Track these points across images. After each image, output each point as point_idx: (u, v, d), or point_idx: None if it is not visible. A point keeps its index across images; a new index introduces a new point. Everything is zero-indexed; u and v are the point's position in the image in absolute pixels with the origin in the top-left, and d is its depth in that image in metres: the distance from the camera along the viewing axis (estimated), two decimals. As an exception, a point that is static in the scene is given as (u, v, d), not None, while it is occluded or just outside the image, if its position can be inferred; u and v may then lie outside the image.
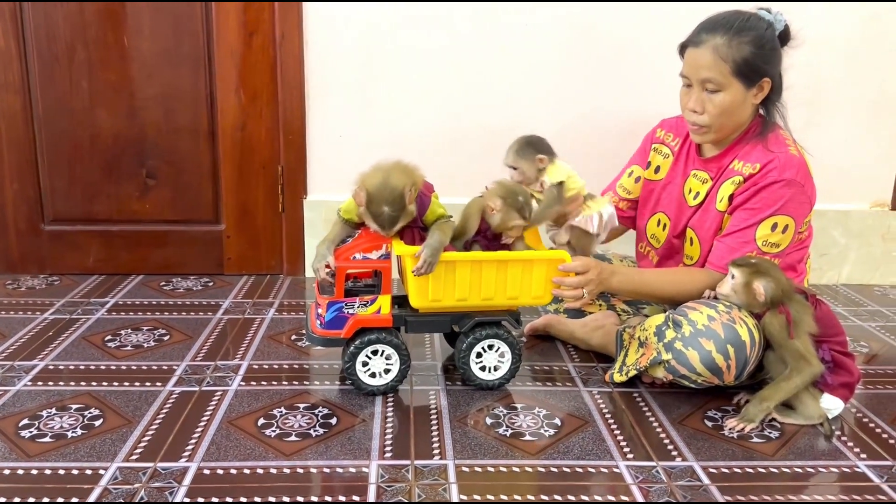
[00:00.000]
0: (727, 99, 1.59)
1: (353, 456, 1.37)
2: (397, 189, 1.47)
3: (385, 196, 1.46)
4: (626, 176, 1.93)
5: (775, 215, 1.59)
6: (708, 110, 1.61)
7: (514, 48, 2.30)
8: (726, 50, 1.56)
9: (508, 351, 1.63)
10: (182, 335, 1.92)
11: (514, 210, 1.56)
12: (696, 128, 1.66)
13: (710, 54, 1.57)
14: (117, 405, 1.54)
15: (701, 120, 1.63)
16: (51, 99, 2.26)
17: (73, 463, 1.33)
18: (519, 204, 1.56)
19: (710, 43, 1.57)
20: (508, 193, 1.57)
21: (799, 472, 1.37)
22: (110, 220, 2.37)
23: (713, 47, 1.57)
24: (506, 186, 1.59)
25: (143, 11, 2.22)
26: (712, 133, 1.65)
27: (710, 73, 1.58)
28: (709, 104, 1.61)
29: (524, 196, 1.58)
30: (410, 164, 1.55)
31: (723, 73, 1.57)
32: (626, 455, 1.41)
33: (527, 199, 1.58)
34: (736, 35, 1.56)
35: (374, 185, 1.47)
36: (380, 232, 1.51)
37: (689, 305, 1.57)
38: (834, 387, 1.54)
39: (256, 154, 2.35)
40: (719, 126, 1.63)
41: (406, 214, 1.50)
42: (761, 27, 1.58)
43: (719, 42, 1.56)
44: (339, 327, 1.56)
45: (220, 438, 1.42)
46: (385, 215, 1.47)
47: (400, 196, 1.47)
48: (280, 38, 2.25)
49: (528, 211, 1.57)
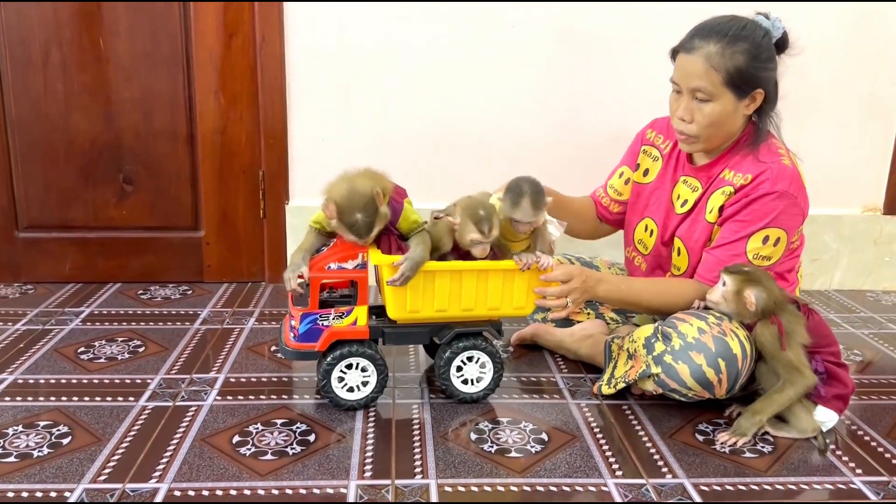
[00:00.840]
0: (717, 109, 1.54)
1: (330, 475, 1.32)
2: (366, 194, 1.41)
3: (356, 203, 1.41)
4: (617, 177, 1.88)
5: (767, 228, 1.54)
6: (697, 120, 1.56)
7: (498, 50, 2.25)
8: (719, 59, 1.49)
9: (489, 361, 1.59)
10: (158, 346, 1.86)
11: (471, 222, 1.45)
12: (683, 137, 1.60)
13: (702, 63, 1.50)
14: (87, 422, 1.48)
15: (689, 129, 1.58)
16: (24, 103, 2.20)
17: (38, 485, 1.27)
18: (478, 217, 1.45)
19: (702, 50, 1.51)
20: (470, 206, 1.47)
21: (793, 489, 1.33)
22: (87, 226, 2.31)
23: (706, 55, 1.50)
24: (472, 199, 1.50)
25: (119, 12, 2.16)
26: (701, 143, 1.60)
27: (700, 82, 1.52)
28: (698, 114, 1.55)
29: (486, 210, 1.47)
30: (378, 170, 1.50)
31: (714, 84, 1.51)
32: (615, 472, 1.36)
33: (489, 214, 1.47)
34: (730, 44, 1.49)
35: (342, 194, 1.42)
36: (357, 241, 1.45)
37: (679, 317, 1.53)
38: (828, 399, 1.49)
39: (237, 158, 2.29)
40: (708, 136, 1.58)
41: (380, 218, 1.44)
42: (758, 36, 1.51)
43: (712, 50, 1.50)
44: (314, 340, 1.50)
45: (193, 457, 1.36)
46: (360, 223, 1.42)
47: (371, 200, 1.41)
48: (260, 39, 2.19)
49: (488, 227, 1.46)
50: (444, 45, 2.24)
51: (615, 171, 1.89)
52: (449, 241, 1.51)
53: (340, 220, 1.42)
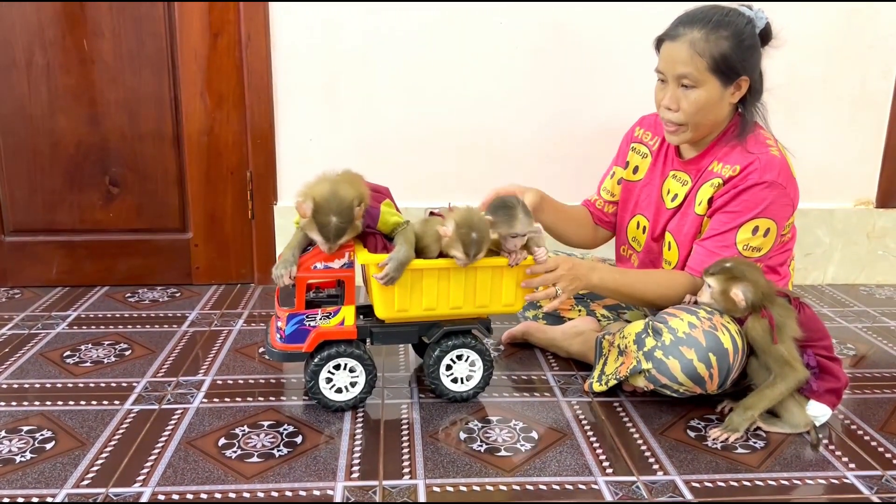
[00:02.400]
0: (703, 96, 1.53)
1: (317, 477, 1.30)
2: (346, 200, 1.39)
3: (333, 206, 1.38)
4: (609, 178, 1.86)
5: (756, 218, 1.53)
6: (683, 108, 1.55)
7: (485, 49, 2.24)
8: (703, 45, 1.50)
9: (479, 359, 1.57)
10: (144, 350, 1.84)
11: (459, 242, 1.42)
12: (670, 127, 1.59)
13: (687, 49, 1.50)
14: (71, 426, 1.46)
15: (675, 118, 1.57)
16: (9, 105, 2.17)
17: (19, 490, 1.25)
18: (468, 239, 1.41)
19: (686, 37, 1.51)
20: (464, 224, 1.42)
21: (786, 485, 1.32)
22: (73, 229, 2.28)
23: (690, 41, 1.50)
24: (468, 218, 1.43)
25: (102, 13, 2.13)
26: (688, 132, 1.59)
27: (685, 68, 1.51)
28: (684, 101, 1.54)
29: (479, 234, 1.41)
30: (357, 173, 1.49)
31: (699, 69, 1.51)
32: (606, 470, 1.34)
33: (481, 237, 1.42)
34: (714, 29, 1.50)
35: (322, 195, 1.39)
36: (322, 246, 1.42)
37: (670, 312, 1.51)
38: (820, 393, 1.48)
39: (224, 159, 2.27)
40: (694, 125, 1.57)
41: (352, 229, 1.42)
42: (741, 22, 1.52)
43: (696, 36, 1.50)
44: (301, 341, 1.48)
45: (178, 461, 1.34)
46: (332, 225, 1.39)
47: (349, 207, 1.39)
48: (246, 39, 2.17)
49: (475, 251, 1.42)
50: (430, 43, 2.22)
51: (607, 174, 1.87)
52: (436, 249, 1.48)
53: (314, 218, 1.40)
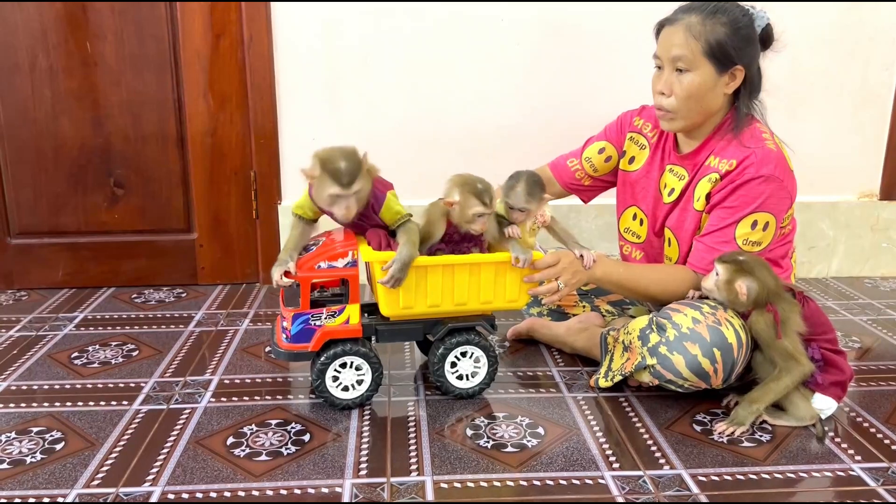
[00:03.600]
0: (696, 81, 1.53)
1: (325, 475, 1.31)
2: (349, 147, 1.42)
3: (338, 153, 1.40)
4: (596, 152, 1.82)
5: (755, 213, 1.53)
6: (676, 92, 1.55)
7: (487, 47, 2.24)
8: (700, 28, 1.51)
9: (483, 356, 1.57)
10: (151, 350, 1.85)
11: (472, 196, 1.46)
12: (663, 113, 1.59)
13: (683, 32, 1.52)
14: (80, 427, 1.47)
15: (668, 103, 1.57)
16: (12, 109, 2.18)
17: (31, 491, 1.26)
18: (477, 190, 1.46)
19: (684, 21, 1.53)
20: (466, 182, 1.48)
21: (792, 478, 1.32)
22: (78, 231, 2.29)
23: (686, 25, 1.52)
24: (463, 177, 1.50)
25: (104, 15, 2.14)
26: (680, 119, 1.59)
27: (680, 50, 1.52)
28: (677, 85, 1.55)
29: (483, 183, 1.48)
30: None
31: (693, 52, 1.52)
32: (612, 465, 1.35)
33: (486, 186, 1.48)
34: (711, 15, 1.52)
35: (325, 150, 1.43)
36: (338, 207, 1.41)
37: (673, 307, 1.52)
38: (825, 386, 1.48)
39: (227, 160, 2.28)
40: (687, 111, 1.57)
41: (363, 176, 1.41)
42: (738, 12, 1.54)
43: (693, 20, 1.52)
44: (307, 340, 1.49)
45: (187, 460, 1.35)
46: (343, 169, 1.38)
47: (354, 152, 1.41)
48: (248, 39, 2.18)
49: (489, 197, 1.47)
50: (432, 42, 2.23)
51: (592, 144, 1.84)
52: (442, 227, 1.50)
53: (324, 169, 1.39)
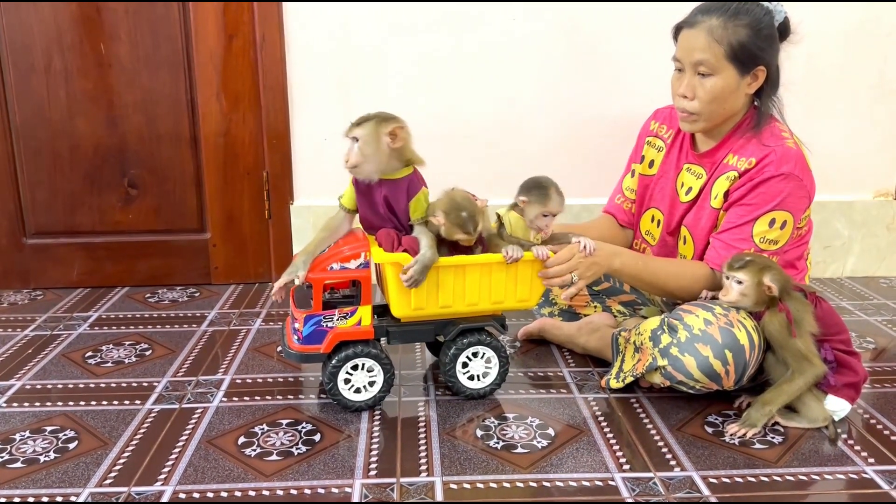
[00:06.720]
0: (719, 84, 1.52)
1: (335, 475, 1.31)
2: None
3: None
4: (629, 177, 1.85)
5: (773, 210, 1.52)
6: (699, 96, 1.54)
7: (500, 46, 2.23)
8: (721, 32, 1.49)
9: (494, 356, 1.57)
10: (165, 349, 1.86)
11: (455, 227, 1.46)
12: (685, 115, 1.59)
13: (705, 36, 1.50)
14: (93, 426, 1.49)
15: (690, 106, 1.56)
16: (28, 109, 2.20)
17: (44, 490, 1.27)
18: (461, 220, 1.45)
19: (705, 24, 1.51)
20: (452, 209, 1.46)
21: (804, 480, 1.31)
22: (93, 231, 2.31)
23: (708, 29, 1.50)
24: (452, 200, 1.48)
25: (118, 16, 2.16)
26: (702, 121, 1.58)
27: (703, 55, 1.51)
28: (700, 89, 1.54)
29: (468, 211, 1.46)
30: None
31: (716, 56, 1.50)
32: (623, 466, 1.34)
33: (471, 213, 1.46)
34: (733, 17, 1.50)
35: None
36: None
37: (685, 308, 1.51)
38: (838, 388, 1.47)
39: (240, 160, 2.29)
40: (709, 114, 1.56)
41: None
42: (759, 12, 1.52)
43: (715, 23, 1.50)
44: (318, 342, 1.49)
45: (198, 459, 1.36)
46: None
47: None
48: (260, 40, 2.19)
49: (473, 225, 1.46)
50: (444, 41, 2.23)
51: (626, 174, 1.87)
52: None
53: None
